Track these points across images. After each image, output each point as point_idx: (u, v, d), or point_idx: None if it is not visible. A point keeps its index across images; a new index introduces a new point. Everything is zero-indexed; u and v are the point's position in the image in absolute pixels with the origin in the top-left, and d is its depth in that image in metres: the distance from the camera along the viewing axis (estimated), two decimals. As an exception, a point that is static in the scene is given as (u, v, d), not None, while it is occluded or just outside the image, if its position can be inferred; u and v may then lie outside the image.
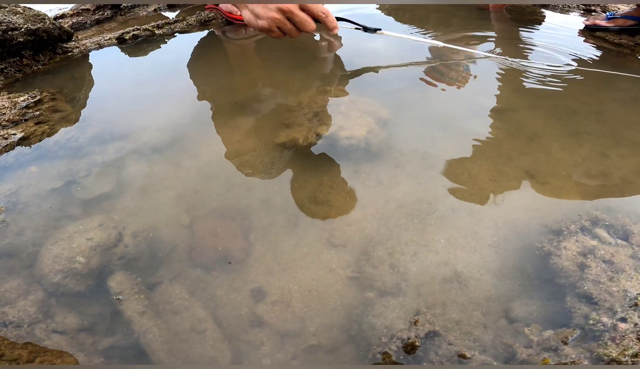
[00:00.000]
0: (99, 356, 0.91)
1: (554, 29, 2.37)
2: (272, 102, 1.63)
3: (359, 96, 1.62)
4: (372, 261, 1.05)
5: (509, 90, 1.71)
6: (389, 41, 2.08)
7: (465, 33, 2.26)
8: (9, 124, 1.50)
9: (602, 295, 0.92)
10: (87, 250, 1.05)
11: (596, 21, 2.28)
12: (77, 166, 1.31)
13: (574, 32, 2.32)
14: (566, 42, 2.16)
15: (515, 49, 2.06)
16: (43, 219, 1.15)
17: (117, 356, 0.92)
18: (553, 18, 2.55)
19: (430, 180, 1.26)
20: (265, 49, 2.09)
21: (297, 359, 0.91)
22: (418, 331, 0.89)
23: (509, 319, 0.93)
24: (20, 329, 0.93)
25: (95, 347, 0.92)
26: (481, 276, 1.01)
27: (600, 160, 1.32)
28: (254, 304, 0.99)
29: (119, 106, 1.66)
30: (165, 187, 1.26)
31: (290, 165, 1.33)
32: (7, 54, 1.95)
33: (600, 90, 1.73)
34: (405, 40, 2.05)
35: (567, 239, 1.04)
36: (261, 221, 1.16)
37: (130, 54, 2.06)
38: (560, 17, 2.59)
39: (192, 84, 1.78)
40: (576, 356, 0.82)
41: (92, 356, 0.91)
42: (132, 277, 1.02)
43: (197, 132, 1.48)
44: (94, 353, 0.91)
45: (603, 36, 2.23)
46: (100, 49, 2.11)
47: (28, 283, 1.01)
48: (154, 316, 0.97)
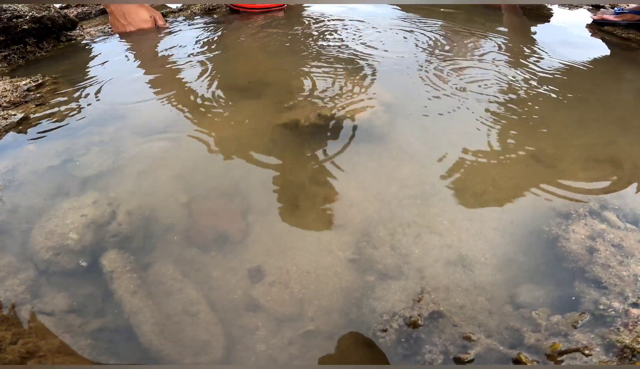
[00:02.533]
0: (87, 338, 0.84)
1: (562, 23, 2.31)
2: (274, 86, 1.57)
3: (363, 80, 1.56)
4: (373, 242, 0.98)
5: (517, 78, 1.64)
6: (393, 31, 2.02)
7: (472, 26, 2.20)
8: (10, 105, 1.45)
9: (612, 279, 0.85)
10: (80, 227, 0.99)
11: (604, 16, 2.21)
12: (75, 146, 1.25)
13: (582, 26, 2.25)
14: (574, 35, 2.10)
15: (526, 40, 1.99)
16: (38, 196, 1.09)
17: (105, 339, 0.85)
18: (561, 14, 2.48)
19: (434, 163, 1.20)
20: (269, 36, 2.03)
21: (293, 345, 0.84)
22: (422, 310, 0.82)
23: (515, 305, 0.86)
24: (5, 309, 0.87)
25: (82, 329, 0.86)
26: (486, 259, 0.94)
27: (608, 146, 1.25)
28: (251, 286, 0.93)
29: (120, 91, 1.60)
30: (164, 166, 1.20)
31: (291, 146, 1.27)
32: (11, 41, 1.90)
33: (608, 80, 1.66)
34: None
35: (575, 222, 0.98)
36: (260, 202, 1.10)
37: (133, 42, 2.01)
38: (569, 12, 2.51)
39: (194, 70, 1.72)
40: (587, 341, 0.75)
41: (79, 338, 0.84)
42: (125, 256, 0.96)
43: (198, 114, 1.42)
44: (81, 334, 0.85)
45: (611, 30, 2.16)
46: (104, 37, 2.06)
47: (19, 261, 0.95)
48: (145, 297, 0.90)
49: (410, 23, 2.19)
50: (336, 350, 0.83)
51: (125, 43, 2.00)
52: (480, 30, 2.11)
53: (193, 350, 0.83)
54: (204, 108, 1.46)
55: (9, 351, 0.79)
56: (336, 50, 1.88)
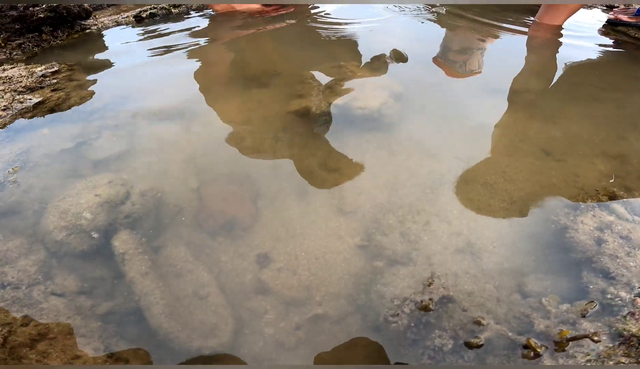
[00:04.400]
0: (97, 321, 0.84)
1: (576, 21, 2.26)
2: (285, 75, 1.56)
3: (374, 71, 1.54)
4: (382, 229, 0.97)
5: (528, 74, 1.62)
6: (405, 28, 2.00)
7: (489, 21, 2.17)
8: (26, 90, 1.45)
9: (619, 270, 0.83)
10: (94, 206, 0.98)
11: (619, 16, 2.17)
12: (88, 129, 1.25)
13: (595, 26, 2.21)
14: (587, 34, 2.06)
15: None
16: (52, 177, 1.08)
17: (114, 322, 0.85)
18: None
19: (444, 152, 1.18)
20: (281, 28, 2.02)
21: (301, 329, 0.83)
22: (432, 294, 0.81)
23: (523, 293, 0.85)
24: (18, 290, 0.86)
25: (93, 311, 0.85)
26: (494, 248, 0.93)
27: (618, 142, 1.23)
28: (259, 271, 0.92)
29: (133, 77, 1.59)
30: (176, 150, 1.19)
31: (301, 133, 1.26)
32: (26, 29, 1.90)
33: (620, 79, 1.63)
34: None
35: (584, 213, 0.96)
36: (270, 187, 1.09)
37: (146, 31, 2.00)
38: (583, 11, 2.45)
39: (206, 59, 1.71)
40: (594, 330, 0.74)
41: (89, 320, 0.84)
42: (137, 237, 0.96)
43: (209, 101, 1.41)
44: (91, 317, 0.84)
45: (624, 31, 2.12)
46: (118, 27, 2.05)
47: (32, 241, 0.95)
48: (156, 278, 0.89)
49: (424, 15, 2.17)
50: (343, 334, 0.82)
51: (137, 32, 1.99)
52: (494, 26, 2.08)
53: (201, 333, 0.83)
54: (216, 94, 1.45)
55: (20, 333, 0.78)
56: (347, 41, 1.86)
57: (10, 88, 1.43)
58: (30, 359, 0.75)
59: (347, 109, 1.30)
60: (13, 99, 1.37)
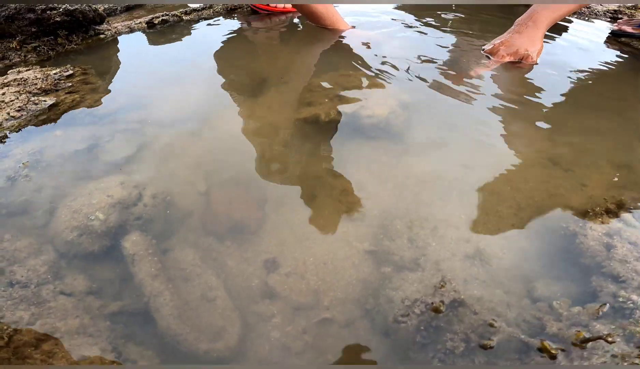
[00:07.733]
0: (105, 321, 0.82)
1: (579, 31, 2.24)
2: (295, 83, 1.54)
3: (382, 81, 1.52)
4: (390, 235, 0.95)
5: (533, 84, 1.60)
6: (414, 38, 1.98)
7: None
8: (40, 92, 1.44)
9: (629, 274, 0.82)
10: (106, 206, 0.96)
11: (622, 27, 2.14)
12: (101, 132, 1.23)
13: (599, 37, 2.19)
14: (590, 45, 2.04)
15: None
16: (64, 177, 1.07)
17: (122, 323, 0.82)
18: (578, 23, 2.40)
19: (451, 160, 1.16)
20: (289, 37, 2.01)
21: (308, 333, 0.81)
22: (443, 297, 0.79)
23: (532, 298, 0.83)
24: (27, 289, 0.84)
25: (101, 311, 0.83)
26: (504, 254, 0.91)
27: (624, 152, 1.21)
28: (267, 275, 0.90)
29: (146, 83, 1.59)
30: (185, 154, 1.18)
31: (310, 139, 1.24)
32: (42, 33, 1.89)
33: (625, 90, 1.61)
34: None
35: (592, 220, 0.94)
36: (278, 192, 1.07)
37: (158, 38, 1.99)
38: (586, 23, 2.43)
39: (216, 66, 1.70)
40: (608, 332, 0.72)
41: (97, 320, 0.81)
42: (148, 238, 0.94)
43: (219, 107, 1.40)
44: (99, 317, 0.82)
45: (628, 42, 2.10)
46: (131, 33, 2.04)
47: (43, 241, 0.93)
48: (165, 281, 0.88)
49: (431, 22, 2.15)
50: (351, 339, 0.80)
51: (150, 38, 1.99)
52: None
53: (209, 336, 0.80)
54: (225, 100, 1.44)
55: (25, 332, 0.76)
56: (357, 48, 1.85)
57: (26, 90, 1.42)
58: (35, 359, 0.72)
59: (356, 117, 1.29)
60: (28, 101, 1.36)
